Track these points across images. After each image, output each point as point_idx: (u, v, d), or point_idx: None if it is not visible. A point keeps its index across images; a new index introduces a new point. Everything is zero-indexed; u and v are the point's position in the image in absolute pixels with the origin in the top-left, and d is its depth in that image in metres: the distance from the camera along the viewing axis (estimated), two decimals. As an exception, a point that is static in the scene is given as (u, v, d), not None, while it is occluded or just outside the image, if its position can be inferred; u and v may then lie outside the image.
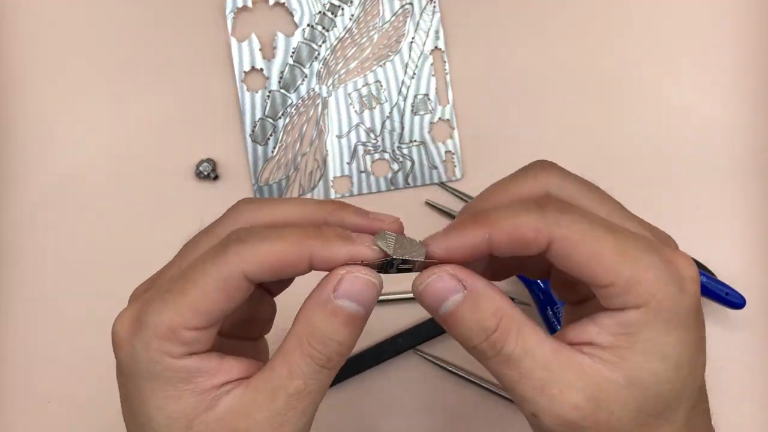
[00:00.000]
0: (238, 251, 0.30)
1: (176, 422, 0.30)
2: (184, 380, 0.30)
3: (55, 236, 0.54)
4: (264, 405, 0.30)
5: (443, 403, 0.53)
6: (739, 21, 0.55)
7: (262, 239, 0.30)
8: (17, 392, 0.53)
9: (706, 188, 0.54)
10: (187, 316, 0.30)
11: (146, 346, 0.30)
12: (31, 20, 0.55)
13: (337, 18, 0.55)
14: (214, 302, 0.30)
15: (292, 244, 0.30)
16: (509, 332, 0.31)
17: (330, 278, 0.30)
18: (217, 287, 0.30)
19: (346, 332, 0.30)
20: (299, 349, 0.30)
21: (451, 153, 0.54)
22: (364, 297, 0.30)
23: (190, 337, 0.30)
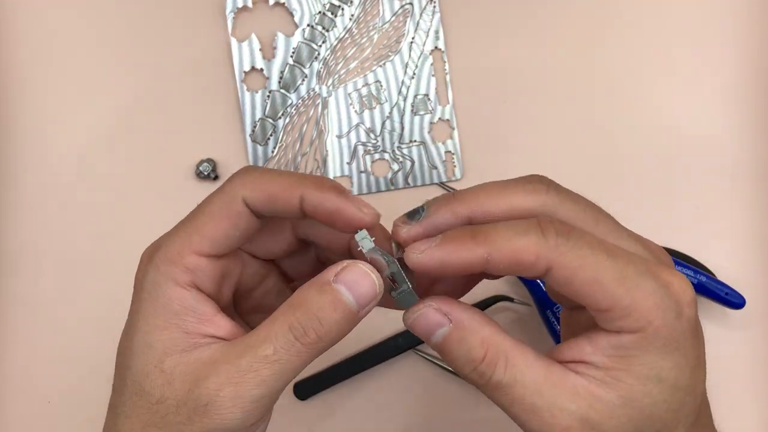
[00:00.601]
0: (241, 177, 0.32)
1: (152, 350, 0.31)
2: (176, 313, 0.31)
3: (55, 236, 0.54)
4: (230, 360, 0.31)
5: (443, 403, 0.53)
6: (741, 23, 0.55)
7: (265, 172, 0.32)
8: (17, 392, 0.53)
9: (706, 188, 0.54)
10: (193, 240, 0.32)
11: (155, 269, 0.32)
12: (31, 20, 0.55)
13: (337, 18, 0.55)
14: (218, 225, 0.32)
15: (289, 179, 0.32)
16: (497, 361, 0.31)
17: (333, 266, 0.31)
18: (219, 210, 0.32)
19: (332, 316, 0.30)
20: (282, 317, 0.31)
21: (451, 153, 0.54)
22: (360, 290, 0.31)
23: (194, 263, 0.32)
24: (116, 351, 0.34)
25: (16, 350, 0.53)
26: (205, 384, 0.30)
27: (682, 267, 0.51)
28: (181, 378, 0.31)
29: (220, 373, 0.30)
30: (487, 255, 0.30)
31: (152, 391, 0.31)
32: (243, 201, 0.32)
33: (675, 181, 0.54)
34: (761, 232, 0.53)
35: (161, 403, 0.31)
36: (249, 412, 0.31)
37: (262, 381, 0.30)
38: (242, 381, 0.30)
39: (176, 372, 0.31)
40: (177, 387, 0.31)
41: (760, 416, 0.53)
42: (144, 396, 0.31)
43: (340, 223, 0.32)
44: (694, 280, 0.51)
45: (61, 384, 0.53)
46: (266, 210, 0.32)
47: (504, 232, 0.30)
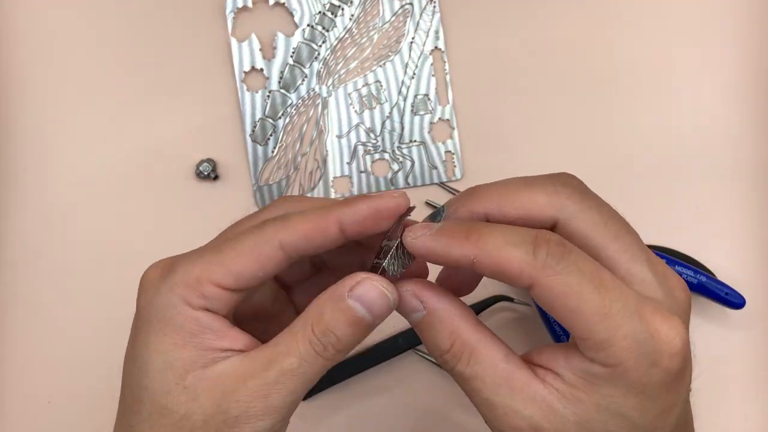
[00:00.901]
0: (275, 224, 0.32)
1: (172, 369, 0.31)
2: (192, 332, 0.32)
3: (55, 236, 0.54)
4: (256, 373, 0.31)
5: (443, 403, 0.53)
6: (742, 21, 0.55)
7: (299, 214, 0.32)
8: (17, 392, 0.53)
9: (707, 189, 0.54)
10: (216, 271, 0.31)
11: (169, 290, 0.32)
12: (31, 20, 0.55)
13: (337, 18, 0.55)
14: (246, 265, 0.32)
15: (322, 211, 0.32)
16: (461, 355, 0.32)
17: (347, 279, 0.32)
18: (252, 250, 0.32)
19: (348, 331, 0.32)
20: (302, 332, 0.31)
21: (451, 153, 0.54)
22: (374, 305, 0.32)
23: (212, 293, 0.32)
24: (122, 369, 0.34)
25: (16, 350, 0.53)
26: (234, 397, 0.31)
27: (682, 267, 0.51)
28: (206, 393, 0.31)
29: (248, 387, 0.31)
30: (474, 257, 0.30)
31: (176, 408, 0.31)
32: (280, 245, 0.32)
33: (675, 181, 0.54)
34: (761, 233, 0.53)
35: (187, 419, 0.31)
36: (277, 419, 0.32)
37: (290, 392, 0.31)
38: (270, 393, 0.31)
39: (200, 388, 0.31)
40: (203, 402, 0.31)
41: (760, 415, 0.53)
42: (167, 414, 0.31)
43: (383, 221, 0.32)
44: (694, 280, 0.50)
45: (61, 384, 0.53)
46: (305, 249, 0.32)
47: (496, 239, 0.30)
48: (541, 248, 0.30)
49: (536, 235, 0.30)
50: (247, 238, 0.32)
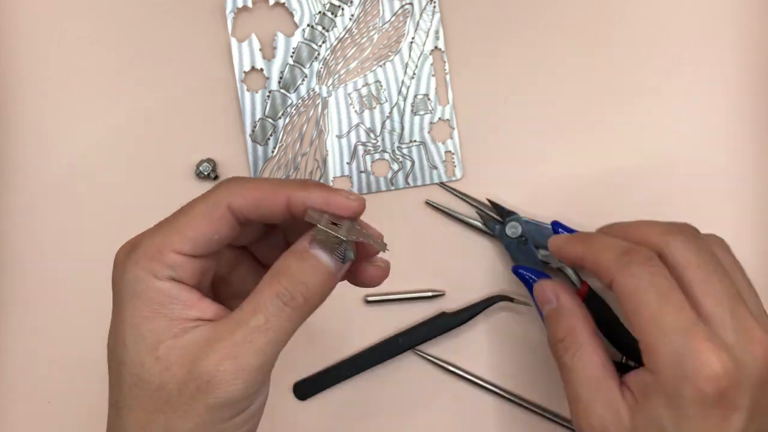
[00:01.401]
0: (228, 185, 0.34)
1: (144, 341, 0.32)
2: (161, 303, 0.33)
3: (55, 236, 0.54)
4: (223, 336, 0.32)
5: (443, 404, 0.53)
6: (742, 22, 0.55)
7: (251, 180, 0.35)
8: (17, 392, 0.53)
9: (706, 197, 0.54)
10: (174, 239, 0.33)
11: (135, 265, 0.33)
12: (31, 21, 0.55)
13: (337, 18, 0.55)
14: (198, 228, 0.33)
15: (274, 184, 0.34)
16: (569, 349, 0.39)
17: (307, 234, 0.34)
18: (203, 214, 0.33)
19: (315, 278, 0.33)
20: (268, 287, 0.33)
21: (451, 153, 0.54)
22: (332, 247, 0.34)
23: (174, 260, 0.33)
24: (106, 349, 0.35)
25: (16, 350, 0.53)
26: (204, 363, 0.31)
27: None
28: (178, 362, 0.32)
29: (217, 350, 0.32)
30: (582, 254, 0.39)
31: (151, 379, 0.32)
32: (228, 207, 0.34)
33: (672, 188, 0.54)
34: (758, 228, 0.53)
35: (162, 389, 0.32)
36: (250, 382, 0.32)
37: (259, 350, 0.32)
38: (240, 353, 0.32)
39: (171, 357, 0.32)
40: (175, 371, 0.32)
41: None
42: (143, 386, 0.32)
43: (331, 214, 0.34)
44: None
45: (61, 384, 0.53)
46: (253, 215, 0.34)
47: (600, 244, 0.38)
48: (627, 255, 0.36)
49: (630, 246, 0.37)
50: (199, 203, 0.34)
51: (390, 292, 0.53)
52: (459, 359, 0.53)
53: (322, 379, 0.52)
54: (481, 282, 0.53)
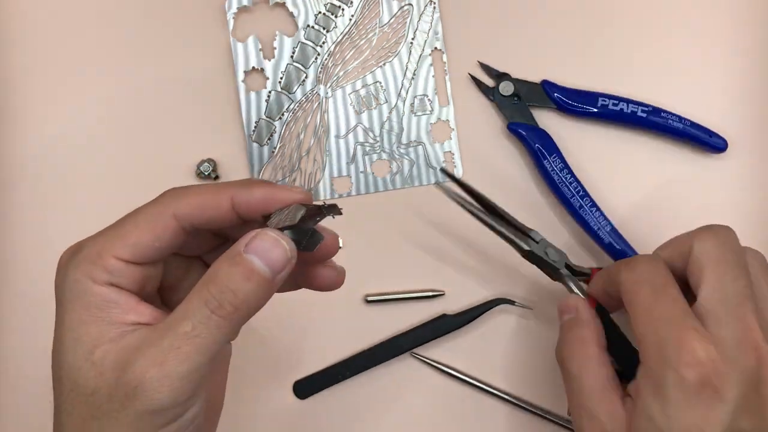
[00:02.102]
0: (172, 194, 0.34)
1: (81, 345, 0.32)
2: (99, 307, 0.32)
3: (55, 236, 0.54)
4: (153, 341, 0.31)
5: (441, 406, 0.53)
6: (741, 22, 0.55)
7: (195, 187, 0.35)
8: (17, 392, 0.53)
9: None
10: (115, 244, 0.33)
11: (75, 268, 0.33)
12: (31, 19, 0.55)
13: (337, 19, 0.55)
14: (140, 236, 0.33)
15: (217, 187, 0.34)
16: (575, 359, 0.40)
17: (243, 237, 0.33)
18: (146, 221, 0.33)
19: (246, 285, 0.32)
20: (197, 294, 0.32)
21: (451, 153, 0.54)
22: (271, 256, 0.32)
23: (114, 266, 0.32)
24: None
25: (16, 350, 0.53)
26: (132, 369, 0.31)
27: (667, 114, 0.52)
28: (111, 366, 0.31)
29: (145, 356, 0.31)
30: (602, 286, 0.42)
31: (86, 384, 0.31)
32: (173, 215, 0.33)
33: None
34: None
35: (95, 394, 0.31)
36: (177, 390, 0.31)
37: (186, 357, 0.31)
38: (165, 360, 0.31)
39: (106, 362, 0.31)
40: (108, 376, 0.31)
41: None
42: (79, 390, 0.32)
43: (276, 207, 0.34)
44: (679, 125, 0.52)
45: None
46: (199, 221, 0.34)
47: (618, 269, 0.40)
48: (635, 259, 0.39)
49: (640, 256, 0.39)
50: (143, 211, 0.34)
51: (390, 292, 0.53)
52: (458, 361, 0.53)
53: (322, 378, 0.52)
54: (481, 282, 0.53)
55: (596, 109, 0.52)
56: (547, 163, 0.52)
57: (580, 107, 0.52)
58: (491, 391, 0.52)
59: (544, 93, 0.53)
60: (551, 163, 0.52)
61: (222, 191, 0.34)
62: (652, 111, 0.52)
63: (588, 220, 0.52)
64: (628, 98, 0.52)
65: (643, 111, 0.52)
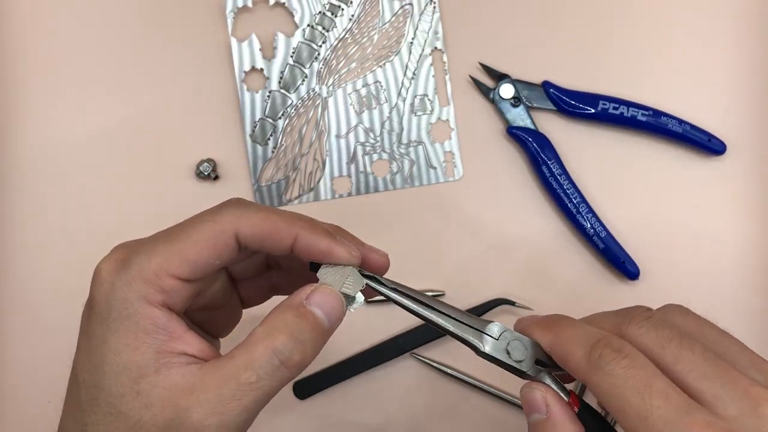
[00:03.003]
0: (234, 212, 0.32)
1: (127, 372, 0.31)
2: (147, 332, 0.31)
3: (55, 235, 0.54)
4: (211, 388, 0.30)
5: (441, 406, 0.53)
6: (741, 20, 0.55)
7: (258, 209, 0.33)
8: (17, 392, 0.53)
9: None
10: (174, 262, 0.31)
11: (127, 286, 0.31)
12: (32, 20, 0.55)
13: (337, 18, 0.55)
14: (202, 253, 0.31)
15: (284, 219, 0.33)
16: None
17: (303, 288, 0.33)
18: (208, 239, 0.32)
19: (312, 336, 0.32)
20: (263, 341, 0.31)
21: (451, 153, 0.54)
22: (331, 310, 0.33)
23: (171, 285, 0.31)
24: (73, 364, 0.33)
25: (16, 350, 0.53)
26: (188, 414, 0.30)
27: (667, 117, 0.52)
28: (160, 403, 0.30)
29: (202, 404, 0.30)
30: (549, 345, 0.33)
31: (129, 413, 0.31)
32: (235, 235, 0.32)
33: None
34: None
35: (139, 426, 0.31)
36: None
37: (246, 408, 0.31)
38: (226, 410, 0.30)
39: (153, 395, 0.31)
40: (156, 412, 0.30)
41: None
42: (121, 418, 0.31)
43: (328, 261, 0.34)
44: (678, 128, 0.52)
45: (61, 384, 0.53)
46: (256, 246, 0.33)
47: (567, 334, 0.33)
48: (596, 350, 0.31)
49: (600, 337, 0.32)
50: (204, 225, 0.32)
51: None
52: (458, 361, 0.53)
53: (322, 378, 0.52)
54: (481, 282, 0.53)
55: (596, 112, 0.52)
56: (545, 169, 0.52)
57: (580, 109, 0.52)
58: (491, 391, 0.52)
59: (544, 94, 0.53)
60: (549, 169, 0.52)
61: (290, 225, 0.33)
62: (652, 114, 0.52)
63: (584, 226, 0.52)
64: (628, 101, 0.52)
65: (643, 114, 0.52)
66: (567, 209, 0.52)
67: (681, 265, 0.53)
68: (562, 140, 0.53)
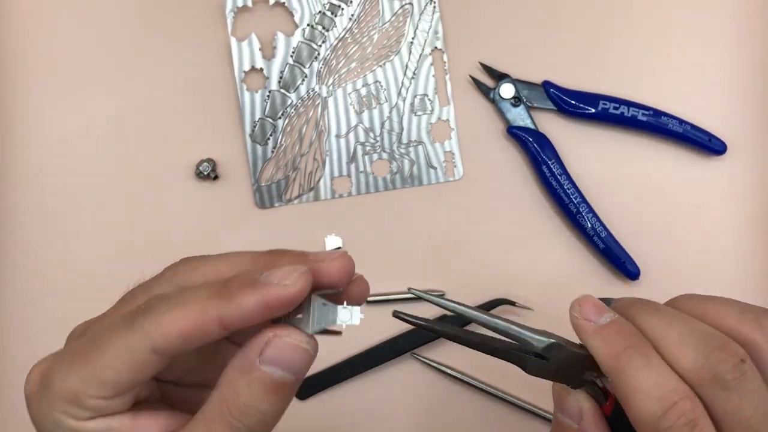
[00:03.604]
0: (144, 324, 0.27)
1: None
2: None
3: (56, 235, 0.54)
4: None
5: (441, 407, 0.53)
6: (740, 18, 0.55)
7: (166, 309, 0.27)
8: (17, 392, 0.53)
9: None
10: (91, 383, 0.28)
11: (50, 407, 0.29)
12: (31, 19, 0.55)
13: (337, 18, 0.54)
14: (119, 374, 0.28)
15: (196, 309, 0.27)
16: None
17: (255, 342, 0.28)
18: (122, 359, 0.28)
19: (272, 400, 0.28)
20: (220, 419, 0.28)
21: (451, 153, 0.54)
22: (293, 363, 0.28)
23: (94, 405, 0.28)
24: None
25: (17, 349, 0.53)
26: None
27: (667, 117, 0.52)
28: None
29: None
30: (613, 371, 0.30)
31: None
32: (152, 350, 0.27)
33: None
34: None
35: None
36: None
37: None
38: None
39: None
40: None
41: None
42: None
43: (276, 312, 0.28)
44: (679, 128, 0.52)
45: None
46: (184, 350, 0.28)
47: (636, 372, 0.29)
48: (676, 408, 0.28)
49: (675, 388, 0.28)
50: (116, 342, 0.28)
51: (390, 293, 0.53)
52: (458, 361, 0.53)
53: (322, 379, 0.52)
54: (481, 282, 0.53)
55: (596, 112, 0.52)
56: (545, 169, 0.52)
57: (581, 109, 0.52)
58: (491, 391, 0.52)
59: (544, 94, 0.53)
60: (549, 168, 0.52)
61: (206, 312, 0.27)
62: (653, 114, 0.52)
63: (584, 226, 0.52)
64: (629, 101, 0.52)
65: (644, 114, 0.52)
66: (567, 209, 0.52)
67: (681, 265, 0.53)
68: (563, 140, 0.53)
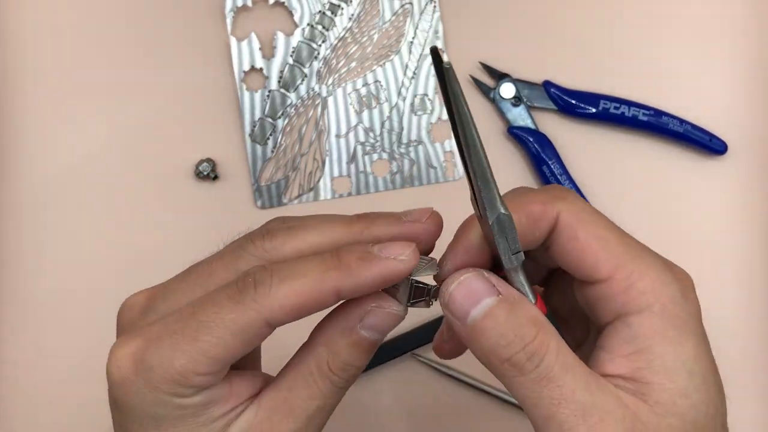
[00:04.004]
0: (256, 298, 0.28)
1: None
2: (195, 414, 0.29)
3: (55, 236, 0.54)
4: (283, 424, 0.30)
5: (441, 407, 0.53)
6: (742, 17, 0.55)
7: (280, 281, 0.28)
8: (17, 392, 0.53)
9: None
10: (200, 362, 0.28)
11: (154, 389, 0.28)
12: (31, 20, 0.55)
13: (337, 17, 0.54)
14: (230, 349, 0.28)
15: (314, 281, 0.28)
16: (549, 344, 0.27)
17: (357, 309, 0.30)
18: (234, 336, 0.28)
19: (365, 358, 0.31)
20: (318, 371, 0.30)
21: (451, 153, 0.54)
22: (386, 328, 0.31)
23: (202, 381, 0.29)
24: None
25: (17, 350, 0.53)
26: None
27: (668, 117, 0.52)
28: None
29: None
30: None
31: None
32: (265, 323, 0.28)
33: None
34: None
35: None
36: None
37: (318, 427, 0.31)
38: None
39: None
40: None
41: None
42: None
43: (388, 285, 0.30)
44: (679, 128, 0.52)
45: (61, 384, 0.53)
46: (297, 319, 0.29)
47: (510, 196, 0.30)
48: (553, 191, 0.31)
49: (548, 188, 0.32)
50: (226, 321, 0.28)
51: (389, 293, 0.53)
52: (459, 362, 0.53)
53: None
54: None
55: (597, 111, 0.52)
56: (546, 168, 0.52)
57: (581, 109, 0.52)
58: (491, 392, 0.52)
59: (545, 94, 0.53)
60: (550, 168, 0.52)
61: (325, 284, 0.28)
62: (653, 114, 0.52)
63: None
64: (629, 100, 0.52)
65: (644, 114, 0.52)
66: None
67: (681, 265, 0.53)
68: (563, 140, 0.53)
